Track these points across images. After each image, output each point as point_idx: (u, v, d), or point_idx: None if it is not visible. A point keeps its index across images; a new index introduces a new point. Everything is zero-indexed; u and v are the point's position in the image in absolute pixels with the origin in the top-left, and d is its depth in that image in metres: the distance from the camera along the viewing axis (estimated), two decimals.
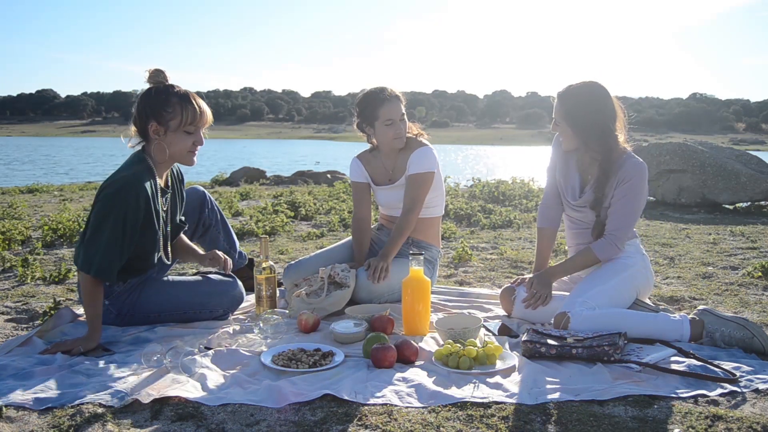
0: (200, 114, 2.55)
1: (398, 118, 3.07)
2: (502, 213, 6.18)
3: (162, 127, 2.53)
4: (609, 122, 2.68)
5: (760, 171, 7.66)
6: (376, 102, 3.08)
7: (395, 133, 3.08)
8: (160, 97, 2.53)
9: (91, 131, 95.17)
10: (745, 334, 2.38)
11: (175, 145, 2.55)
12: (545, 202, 2.99)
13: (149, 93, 2.56)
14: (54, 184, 11.43)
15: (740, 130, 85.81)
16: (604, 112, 2.67)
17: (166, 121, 2.52)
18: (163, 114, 2.51)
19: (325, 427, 1.75)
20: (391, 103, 3.06)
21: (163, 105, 2.51)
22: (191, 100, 2.54)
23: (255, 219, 5.79)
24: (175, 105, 2.51)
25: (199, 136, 2.59)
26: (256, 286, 2.81)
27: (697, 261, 4.14)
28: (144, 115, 2.54)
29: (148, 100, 2.54)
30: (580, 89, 2.71)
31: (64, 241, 4.76)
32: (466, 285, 3.60)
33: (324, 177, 12.46)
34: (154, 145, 2.56)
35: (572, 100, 2.70)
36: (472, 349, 2.22)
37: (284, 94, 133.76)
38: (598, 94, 2.68)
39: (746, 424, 1.77)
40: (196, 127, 2.56)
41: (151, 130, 2.54)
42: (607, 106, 2.69)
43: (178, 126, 2.52)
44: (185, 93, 2.55)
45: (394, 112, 3.06)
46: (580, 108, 2.68)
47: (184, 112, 2.52)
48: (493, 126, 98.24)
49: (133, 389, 1.95)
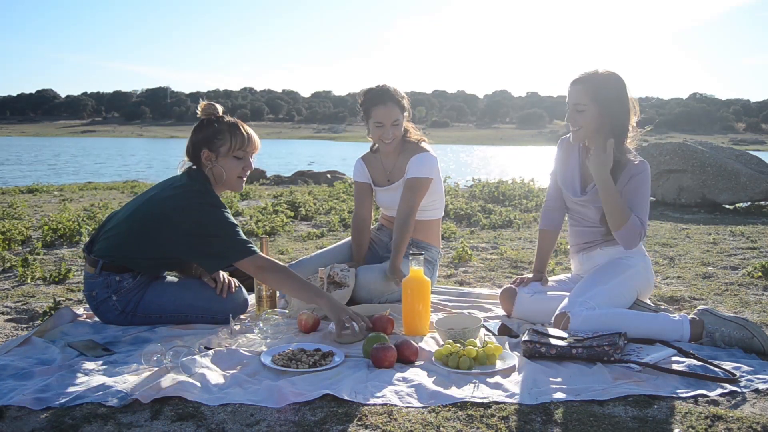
0: (248, 140, 2.74)
1: (389, 122, 3.04)
2: (502, 213, 6.18)
3: (213, 153, 2.69)
4: (629, 110, 2.68)
5: (760, 171, 7.66)
6: (371, 101, 3.06)
7: (382, 136, 3.06)
8: (212, 126, 2.71)
9: (91, 131, 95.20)
10: (744, 334, 2.38)
11: (226, 170, 2.71)
12: (548, 205, 2.99)
13: (201, 124, 2.74)
14: (54, 184, 11.43)
15: (740, 130, 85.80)
16: (627, 99, 2.68)
17: (216, 147, 2.69)
18: (214, 141, 2.69)
19: (325, 427, 1.75)
20: (385, 107, 3.03)
21: (215, 133, 2.69)
22: (239, 127, 2.73)
23: (255, 219, 5.79)
24: (225, 132, 2.70)
25: (248, 162, 2.77)
26: (256, 286, 2.81)
27: (697, 261, 4.14)
28: (197, 146, 2.72)
29: (200, 130, 2.73)
30: (605, 74, 2.67)
31: (64, 241, 4.76)
32: (466, 285, 3.60)
33: (324, 177, 12.46)
34: (208, 170, 2.72)
35: (601, 83, 2.65)
36: (472, 349, 2.21)
37: (284, 94, 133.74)
38: (623, 83, 2.68)
39: (746, 424, 1.77)
40: (245, 152, 2.74)
41: (204, 157, 2.70)
42: (627, 94, 2.68)
43: (227, 152, 2.70)
44: (234, 122, 2.75)
45: (385, 116, 3.03)
46: (609, 90, 2.65)
47: (233, 138, 2.70)
48: (493, 126, 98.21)
49: (133, 389, 1.94)
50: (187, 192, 2.64)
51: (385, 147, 3.11)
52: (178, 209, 2.59)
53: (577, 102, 2.67)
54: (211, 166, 2.71)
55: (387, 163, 3.22)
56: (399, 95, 3.08)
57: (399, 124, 3.07)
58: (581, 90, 2.66)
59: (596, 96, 2.64)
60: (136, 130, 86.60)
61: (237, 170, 2.73)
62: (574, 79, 2.70)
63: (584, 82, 2.66)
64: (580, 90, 2.67)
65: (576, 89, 2.68)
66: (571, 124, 2.73)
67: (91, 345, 2.42)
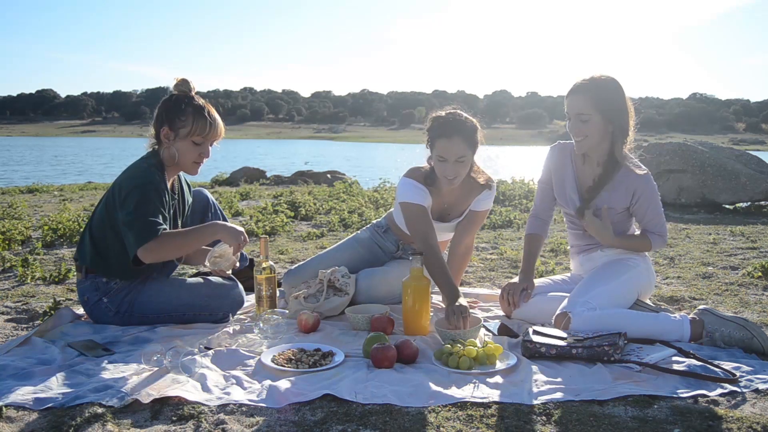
0: (210, 127, 2.66)
1: (453, 158, 2.70)
2: (502, 213, 6.18)
3: (172, 133, 2.64)
4: (629, 116, 2.65)
5: (760, 171, 7.66)
6: (436, 131, 2.74)
7: (444, 173, 2.74)
8: (178, 105, 2.65)
9: (91, 131, 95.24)
10: (744, 335, 2.38)
11: (182, 153, 2.66)
12: (536, 212, 2.97)
13: (169, 99, 2.69)
14: (54, 184, 11.43)
15: (740, 130, 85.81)
16: (626, 105, 2.65)
17: (177, 128, 2.64)
18: (176, 121, 2.63)
19: (325, 427, 1.75)
20: (450, 141, 2.68)
21: (178, 112, 2.64)
22: (204, 112, 2.66)
23: (255, 219, 5.79)
24: (189, 114, 2.64)
25: (206, 149, 2.71)
26: (256, 286, 2.81)
27: (697, 261, 4.14)
28: (159, 120, 2.66)
29: (167, 105, 2.67)
30: (607, 80, 2.63)
31: (64, 241, 4.76)
32: (466, 285, 3.59)
33: (324, 177, 12.45)
34: (163, 149, 2.67)
35: (603, 90, 2.60)
36: (472, 349, 2.21)
37: (284, 94, 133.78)
38: (621, 86, 2.65)
39: (746, 424, 1.77)
40: (204, 138, 2.67)
41: (163, 134, 2.65)
42: (626, 99, 2.66)
43: (186, 134, 2.64)
44: (201, 105, 2.67)
45: (449, 152, 2.69)
46: (612, 97, 2.61)
47: (195, 122, 2.63)
48: (493, 126, 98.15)
49: (133, 389, 1.94)
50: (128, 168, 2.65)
51: (446, 184, 2.81)
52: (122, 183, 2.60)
53: (580, 112, 2.60)
54: (167, 145, 2.65)
55: (448, 197, 2.94)
56: (470, 128, 2.73)
57: (465, 161, 2.73)
58: (583, 99, 2.60)
59: (599, 104, 2.59)
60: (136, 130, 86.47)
61: (193, 155, 2.67)
62: (574, 88, 2.64)
63: (586, 91, 2.60)
64: (582, 99, 2.60)
65: (577, 99, 2.61)
66: (575, 135, 2.65)
67: (91, 345, 2.42)
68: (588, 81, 2.63)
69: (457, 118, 2.74)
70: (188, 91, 2.69)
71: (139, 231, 2.49)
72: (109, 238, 2.64)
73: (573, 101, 2.63)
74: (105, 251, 2.66)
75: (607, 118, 2.61)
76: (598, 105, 2.59)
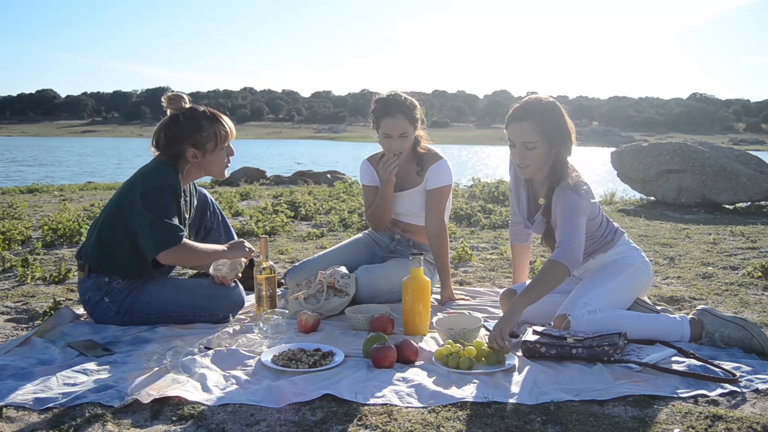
0: (230, 130, 2.76)
1: (397, 134, 3.00)
2: (502, 213, 6.18)
3: (200, 152, 2.69)
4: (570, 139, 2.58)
5: (760, 171, 7.65)
6: (380, 112, 3.03)
7: (389, 148, 3.04)
8: (191, 123, 2.67)
9: (91, 131, 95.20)
10: (744, 335, 2.38)
11: (215, 165, 2.74)
12: (513, 219, 2.97)
13: (178, 120, 2.68)
14: (54, 184, 11.43)
15: (740, 130, 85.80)
16: (567, 127, 2.58)
17: (203, 144, 2.68)
18: (199, 139, 2.67)
19: (325, 427, 1.75)
20: (394, 119, 2.98)
21: (198, 130, 2.67)
22: (220, 120, 2.72)
23: (255, 219, 5.79)
24: (208, 128, 2.69)
25: (230, 149, 2.79)
26: (256, 286, 2.81)
27: (697, 261, 4.14)
28: (179, 141, 2.67)
29: (179, 127, 2.67)
30: (548, 104, 2.57)
31: (64, 241, 4.76)
32: (466, 285, 3.60)
33: (324, 177, 12.45)
34: (189, 167, 2.72)
35: (547, 116, 2.54)
36: (472, 349, 2.22)
37: (284, 94, 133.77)
38: (560, 109, 2.59)
39: (746, 424, 1.77)
40: (228, 142, 2.76)
41: (190, 156, 2.69)
42: (567, 122, 2.59)
43: (214, 148, 2.70)
44: (212, 114, 2.73)
45: (392, 128, 3.00)
46: (554, 122, 2.55)
47: (217, 133, 2.70)
48: (493, 126, 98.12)
49: (133, 389, 1.95)
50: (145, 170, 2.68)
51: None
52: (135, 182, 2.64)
53: (526, 140, 2.54)
54: (197, 163, 2.72)
55: (398, 169, 3.14)
56: (410, 106, 3.01)
57: (407, 137, 3.03)
58: (529, 127, 2.53)
59: (544, 131, 2.53)
60: (136, 130, 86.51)
61: (224, 161, 2.77)
62: (517, 115, 2.57)
63: (531, 118, 2.53)
64: (528, 127, 2.54)
65: (522, 127, 2.55)
66: (519, 162, 2.60)
67: (91, 345, 2.42)
68: (531, 107, 2.57)
69: (397, 98, 3.02)
70: (184, 105, 2.72)
71: (162, 235, 2.54)
72: (117, 238, 2.65)
73: (517, 129, 2.57)
74: (112, 251, 2.67)
75: (551, 143, 2.55)
76: (543, 132, 2.54)
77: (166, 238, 2.54)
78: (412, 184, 3.16)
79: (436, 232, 3.09)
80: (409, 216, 3.23)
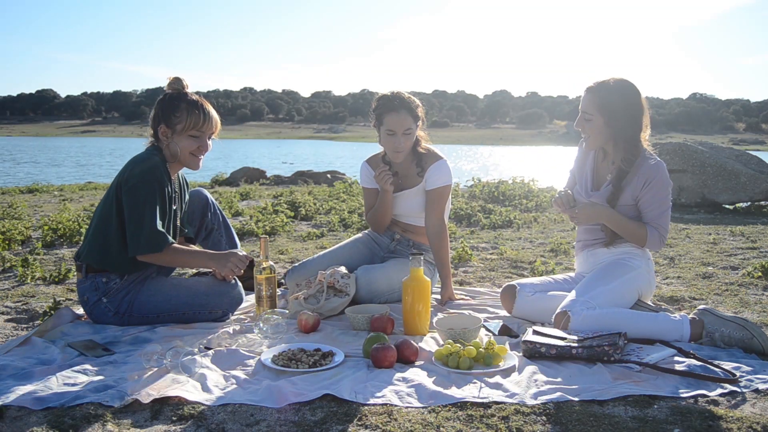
0: (204, 120, 2.72)
1: (401, 131, 3.00)
2: (502, 213, 6.18)
3: (169, 130, 2.70)
4: (640, 119, 2.70)
5: (760, 171, 7.66)
6: (383, 108, 3.03)
7: (393, 146, 3.03)
8: (172, 103, 2.71)
9: (91, 131, 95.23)
10: (744, 335, 2.38)
11: (180, 148, 2.71)
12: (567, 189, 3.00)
13: (164, 98, 2.75)
14: (54, 184, 11.43)
15: (740, 130, 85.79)
16: (637, 108, 2.69)
17: (173, 124, 2.70)
18: (171, 118, 2.70)
19: (325, 427, 1.75)
20: (398, 115, 2.99)
21: (173, 109, 2.70)
22: (199, 106, 2.71)
23: (255, 219, 5.79)
24: (183, 110, 2.69)
25: (204, 142, 2.75)
26: (256, 286, 2.81)
27: (697, 261, 4.14)
28: (156, 119, 2.73)
29: (161, 104, 2.74)
30: (616, 84, 2.70)
31: (64, 241, 4.76)
32: (466, 285, 3.60)
33: (324, 177, 12.45)
34: (164, 147, 2.73)
35: (609, 93, 2.68)
36: (472, 349, 2.21)
37: (284, 94, 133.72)
38: (632, 90, 2.70)
39: (746, 424, 1.77)
40: (201, 132, 2.72)
41: (161, 132, 2.72)
42: (639, 102, 2.70)
43: (183, 129, 2.69)
44: (195, 100, 2.73)
45: (396, 124, 2.99)
46: (616, 101, 2.67)
47: (189, 116, 2.69)
48: (493, 126, 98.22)
49: (133, 389, 1.94)
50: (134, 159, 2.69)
51: (395, 158, 3.09)
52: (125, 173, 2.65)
53: (584, 110, 2.72)
54: (167, 142, 2.72)
55: (399, 170, 3.17)
56: (413, 103, 3.04)
57: (411, 134, 3.04)
58: (589, 99, 2.70)
59: (602, 107, 2.67)
60: (136, 130, 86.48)
61: (191, 148, 2.73)
62: (588, 87, 2.74)
63: (594, 92, 2.70)
64: (588, 99, 2.71)
65: (586, 98, 2.72)
66: (581, 131, 2.79)
67: (91, 345, 2.42)
68: (600, 82, 2.71)
69: (400, 95, 3.04)
70: (181, 88, 2.75)
71: (146, 240, 2.57)
72: (111, 231, 2.65)
73: (583, 99, 2.74)
74: (107, 242, 2.67)
75: (609, 121, 2.67)
76: (601, 107, 2.67)
77: (149, 243, 2.58)
78: (412, 184, 3.17)
79: (436, 232, 3.09)
80: (409, 216, 3.23)
